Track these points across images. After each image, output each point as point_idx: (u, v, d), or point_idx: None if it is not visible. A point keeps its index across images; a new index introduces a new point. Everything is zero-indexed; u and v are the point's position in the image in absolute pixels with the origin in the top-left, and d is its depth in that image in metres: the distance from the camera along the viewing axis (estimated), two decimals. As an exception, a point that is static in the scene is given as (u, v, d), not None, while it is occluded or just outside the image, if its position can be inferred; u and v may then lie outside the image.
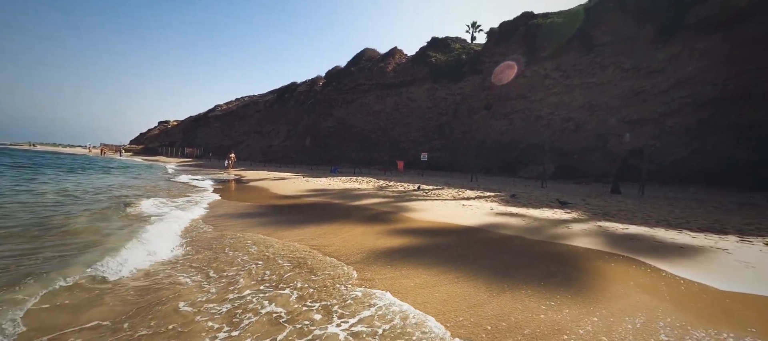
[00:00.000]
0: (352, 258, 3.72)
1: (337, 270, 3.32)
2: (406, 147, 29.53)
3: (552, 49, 22.04)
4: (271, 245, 4.20)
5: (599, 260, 3.64)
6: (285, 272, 3.25)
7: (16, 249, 3.69)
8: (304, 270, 3.30)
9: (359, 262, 3.60)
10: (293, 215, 6.50)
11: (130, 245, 3.91)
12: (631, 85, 17.92)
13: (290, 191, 10.25)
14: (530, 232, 4.93)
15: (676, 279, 3.10)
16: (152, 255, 3.64)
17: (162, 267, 3.35)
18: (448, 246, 4.29)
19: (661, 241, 4.37)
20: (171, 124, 71.42)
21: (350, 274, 3.22)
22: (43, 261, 3.36)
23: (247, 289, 2.83)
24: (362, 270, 3.37)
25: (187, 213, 6.25)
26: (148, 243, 4.07)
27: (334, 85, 38.82)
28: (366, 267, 3.46)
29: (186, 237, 4.59)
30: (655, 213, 6.73)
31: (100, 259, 3.36)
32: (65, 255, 3.56)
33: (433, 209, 7.03)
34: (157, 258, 3.59)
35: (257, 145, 46.98)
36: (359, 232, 5.03)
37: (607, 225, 5.42)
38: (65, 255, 3.56)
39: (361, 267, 3.46)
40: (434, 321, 2.35)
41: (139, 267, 3.31)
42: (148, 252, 3.71)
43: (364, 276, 3.20)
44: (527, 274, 3.25)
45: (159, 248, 3.90)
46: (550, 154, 19.12)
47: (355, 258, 3.73)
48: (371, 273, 3.27)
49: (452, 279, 3.13)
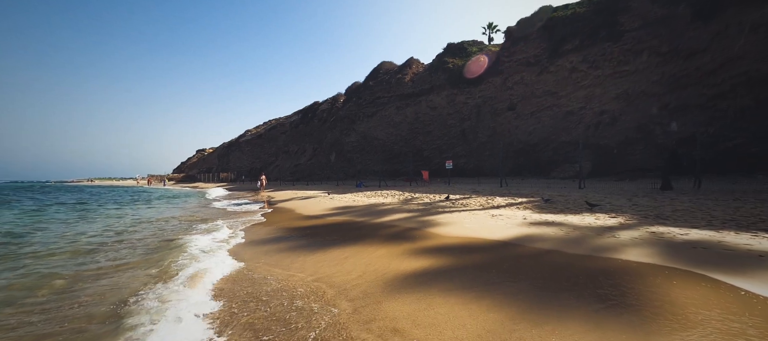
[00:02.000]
0: (369, 289, 3.50)
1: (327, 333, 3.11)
2: (429, 155, 29.11)
3: (576, 40, 20.91)
4: (270, 283, 4.10)
5: (658, 277, 3.13)
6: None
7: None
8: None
9: (374, 294, 3.37)
10: (317, 238, 6.42)
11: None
12: (671, 69, 16.45)
13: (315, 211, 10.28)
14: (570, 244, 4.44)
15: (762, 301, 2.56)
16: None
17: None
18: (477, 266, 3.95)
19: (733, 249, 3.73)
20: (207, 151, 76.19)
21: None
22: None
23: None
24: (378, 305, 3.14)
25: (215, 256, 6.37)
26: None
27: (355, 101, 39.48)
28: (381, 302, 3.23)
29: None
30: (720, 212, 5.88)
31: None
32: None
33: (460, 222, 6.65)
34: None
35: (285, 165, 48.64)
36: (383, 253, 4.81)
37: (662, 231, 4.77)
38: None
39: (374, 304, 3.23)
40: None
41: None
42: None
43: (375, 316, 2.97)
44: (570, 299, 2.84)
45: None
46: (585, 150, 17.88)
47: (372, 288, 3.50)
48: (389, 308, 3.03)
49: (483, 309, 2.80)
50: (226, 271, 4.35)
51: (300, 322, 2.78)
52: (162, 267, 4.66)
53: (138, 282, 4.06)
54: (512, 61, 24.68)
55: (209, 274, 4.25)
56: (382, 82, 37.00)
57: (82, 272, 4.59)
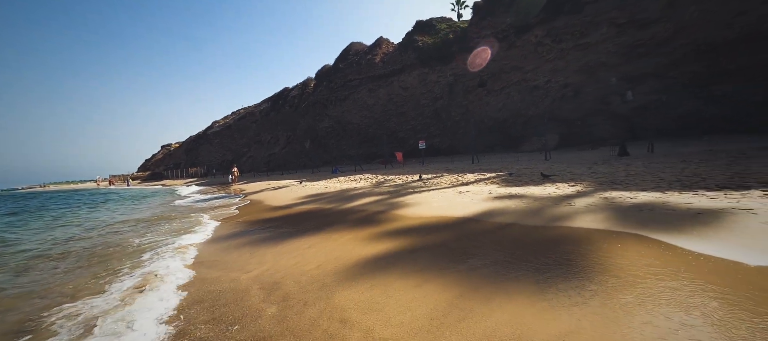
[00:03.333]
0: (326, 279, 3.38)
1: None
2: (404, 136, 29.06)
3: (541, 14, 21.14)
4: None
5: (605, 242, 3.22)
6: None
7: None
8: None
9: (330, 285, 3.26)
10: (282, 229, 6.18)
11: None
12: (628, 39, 17.05)
13: (285, 201, 9.96)
14: (529, 216, 4.52)
15: (697, 256, 2.68)
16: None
17: None
18: (438, 245, 3.92)
19: (675, 208, 3.92)
20: (173, 147, 72.00)
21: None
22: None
23: None
24: (331, 296, 3.03)
25: (168, 259, 5.98)
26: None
27: (326, 85, 38.31)
28: (335, 292, 3.12)
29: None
30: (667, 174, 6.23)
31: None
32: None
33: (428, 201, 6.64)
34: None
35: (259, 155, 47.02)
36: (347, 240, 4.69)
37: (615, 196, 4.97)
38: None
39: (327, 295, 3.12)
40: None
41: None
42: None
43: (326, 308, 2.86)
44: (522, 271, 2.86)
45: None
46: (551, 123, 18.46)
47: (329, 278, 3.38)
48: (342, 297, 2.92)
49: (437, 288, 2.76)
50: (179, 275, 4.06)
51: (245, 323, 2.61)
52: (106, 275, 4.28)
53: (84, 291, 3.70)
54: (480, 37, 24.68)
55: (161, 279, 3.96)
56: (352, 63, 36.01)
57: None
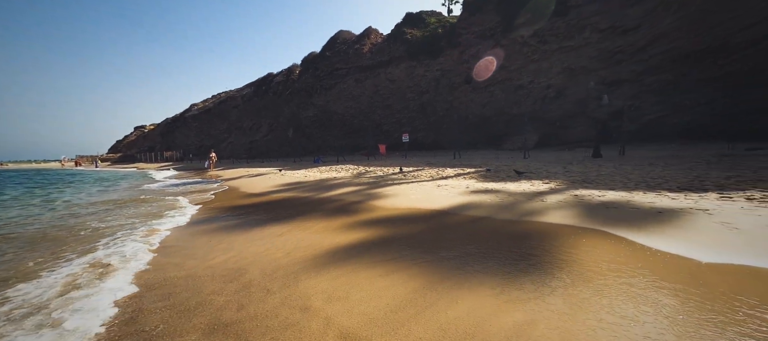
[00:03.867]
0: (294, 267, 3.29)
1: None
2: (389, 129, 28.97)
3: (529, 14, 21.42)
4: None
5: (571, 237, 3.29)
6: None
7: None
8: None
9: (297, 272, 3.17)
10: (255, 216, 6.00)
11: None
12: (608, 45, 17.59)
13: (261, 188, 9.69)
14: (502, 210, 4.57)
15: (654, 253, 2.77)
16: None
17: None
18: (411, 236, 3.89)
19: (639, 207, 4.06)
20: (148, 129, 68.74)
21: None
22: None
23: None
24: (297, 283, 2.94)
25: (130, 243, 5.68)
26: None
27: (311, 72, 37.50)
28: (301, 280, 3.04)
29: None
30: (635, 175, 6.48)
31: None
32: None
33: (406, 193, 6.62)
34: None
35: (239, 142, 45.67)
36: (319, 228, 4.60)
37: (584, 193, 5.11)
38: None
39: (293, 283, 3.03)
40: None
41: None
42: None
43: (290, 295, 2.77)
44: (489, 263, 2.87)
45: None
46: (532, 123, 18.87)
47: (297, 266, 3.29)
48: (308, 285, 2.84)
49: (404, 278, 2.72)
50: (139, 261, 3.84)
51: (201, 310, 2.48)
52: (53, 260, 4.00)
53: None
54: (469, 34, 24.77)
55: (118, 264, 3.73)
56: (339, 52, 35.37)
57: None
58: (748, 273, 2.28)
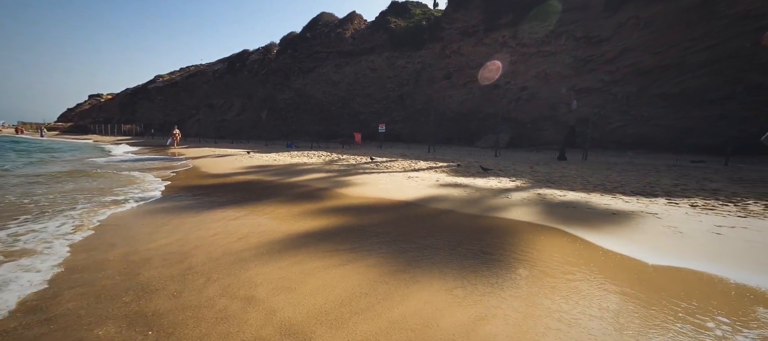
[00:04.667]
0: (245, 253, 3.06)
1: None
2: (367, 118, 28.61)
3: (511, 15, 21.78)
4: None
5: (530, 234, 3.32)
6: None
7: None
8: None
9: (247, 259, 2.95)
10: (212, 197, 5.60)
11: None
12: (582, 54, 18.30)
13: (224, 169, 9.15)
14: (468, 204, 4.57)
15: (606, 253, 2.83)
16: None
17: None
18: (374, 225, 3.77)
19: (595, 208, 4.21)
20: (105, 98, 63.22)
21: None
22: None
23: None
24: (245, 271, 2.73)
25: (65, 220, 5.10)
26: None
27: (290, 53, 36.03)
28: (250, 268, 2.83)
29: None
30: (594, 178, 6.78)
31: None
32: None
33: (376, 183, 6.48)
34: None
35: (208, 120, 43.22)
36: (280, 214, 4.35)
37: (547, 193, 5.24)
38: None
39: (240, 270, 2.81)
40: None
41: None
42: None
43: (234, 283, 2.56)
44: (447, 257, 2.81)
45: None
46: (506, 123, 19.39)
47: (248, 252, 3.06)
48: (257, 273, 2.64)
49: (361, 269, 2.59)
50: (70, 241, 3.41)
51: (129, 298, 2.20)
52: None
53: None
54: (452, 29, 24.81)
55: (45, 245, 3.28)
56: (321, 35, 34.20)
57: None
58: (689, 276, 2.37)
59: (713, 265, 2.48)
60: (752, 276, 2.33)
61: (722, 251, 2.74)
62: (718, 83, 13.80)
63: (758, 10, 13.34)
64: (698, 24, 14.63)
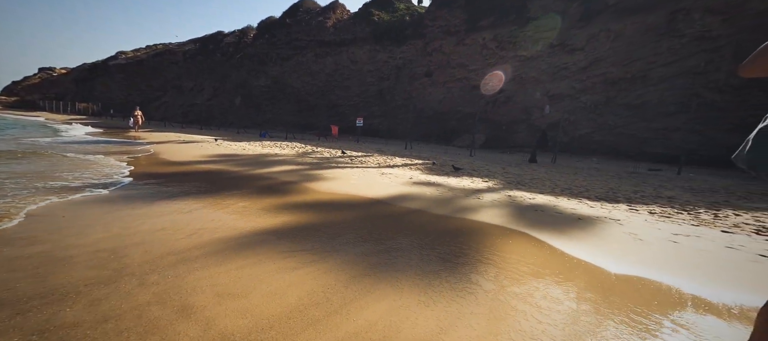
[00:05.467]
0: (192, 253, 2.75)
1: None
2: (345, 111, 28.12)
3: (492, 18, 22.10)
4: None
5: (499, 238, 3.26)
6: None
7: None
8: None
9: (194, 259, 2.65)
10: (167, 187, 5.13)
11: None
12: (556, 61, 18.94)
13: (187, 157, 8.53)
14: (439, 205, 4.48)
15: (571, 260, 2.82)
16: None
17: None
18: (340, 224, 3.57)
19: (563, 212, 4.26)
20: (58, 73, 57.70)
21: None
22: None
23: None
24: (188, 273, 2.44)
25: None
26: None
27: (268, 39, 34.61)
28: (195, 270, 2.54)
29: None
30: (562, 182, 6.96)
31: None
32: None
33: (347, 178, 6.26)
34: None
35: (176, 103, 40.70)
36: (239, 208, 4.03)
37: (517, 195, 5.28)
38: None
39: (184, 272, 2.53)
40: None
41: None
42: None
43: (170, 288, 2.28)
44: (414, 260, 2.67)
45: None
46: (482, 123, 19.75)
47: (197, 251, 2.76)
48: (200, 276, 2.36)
49: (321, 272, 2.39)
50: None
51: (36, 306, 1.86)
52: None
53: None
54: (435, 27, 24.83)
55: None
56: (301, 22, 33.09)
57: None
58: (649, 286, 2.39)
59: (671, 275, 2.52)
60: (704, 288, 2.39)
61: (679, 260, 2.81)
62: (676, 97, 14.80)
63: (712, 33, 14.40)
64: (660, 41, 15.57)
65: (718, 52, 14.17)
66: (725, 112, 13.63)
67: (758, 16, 13.14)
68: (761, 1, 13.11)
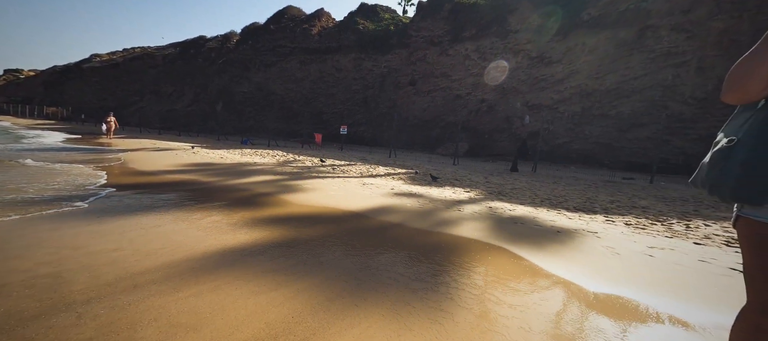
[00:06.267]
0: (154, 275, 2.52)
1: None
2: (329, 119, 27.91)
3: (474, 29, 22.63)
4: None
5: (478, 254, 3.18)
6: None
7: None
8: None
9: (153, 282, 2.42)
10: (136, 199, 4.80)
11: None
12: (535, 72, 19.54)
13: (158, 166, 8.10)
14: (418, 218, 4.38)
15: (550, 277, 2.76)
16: None
17: None
18: (314, 240, 3.39)
19: (542, 225, 4.25)
20: (25, 75, 54.66)
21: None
22: None
23: None
24: (142, 300, 2.22)
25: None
26: None
27: (251, 44, 34.09)
28: (152, 296, 2.32)
29: None
30: (542, 192, 7.04)
31: None
32: None
33: (326, 189, 6.08)
34: None
35: (154, 109, 39.24)
36: (208, 223, 3.78)
37: (498, 206, 5.27)
38: None
39: (142, 298, 2.30)
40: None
41: None
42: None
43: (117, 318, 2.06)
44: (385, 282, 2.54)
45: None
46: (465, 132, 20.02)
47: (157, 273, 2.52)
48: (150, 306, 2.14)
49: (291, 294, 2.21)
50: None
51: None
52: None
53: None
54: (419, 37, 25.18)
55: None
56: (286, 29, 32.82)
57: None
58: (628, 306, 2.35)
59: (648, 293, 2.50)
60: (680, 305, 2.37)
61: (656, 276, 2.81)
62: (647, 108, 15.50)
63: (678, 49, 15.26)
64: (632, 55, 16.35)
65: (683, 67, 15.01)
66: (691, 122, 14.39)
67: (720, 34, 14.04)
68: (721, 21, 14.04)
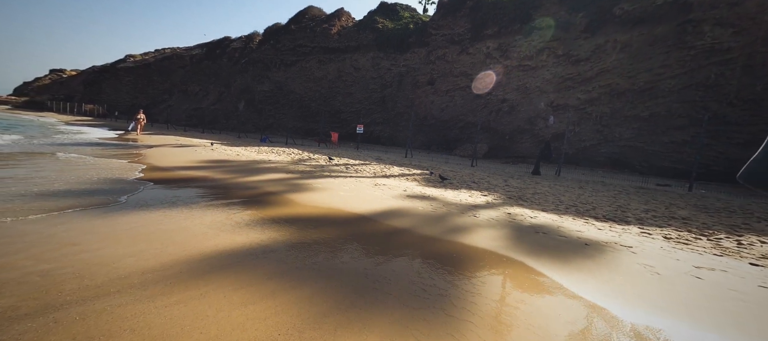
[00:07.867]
0: (148, 277, 2.40)
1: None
2: (347, 118, 27.92)
3: (496, 27, 21.87)
4: None
5: (492, 269, 2.85)
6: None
7: None
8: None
9: (146, 284, 2.29)
10: (145, 195, 4.81)
11: None
12: (561, 71, 18.57)
13: (174, 162, 8.24)
14: (429, 223, 4.08)
15: (577, 301, 2.40)
16: None
17: None
18: (318, 243, 3.19)
19: (567, 235, 3.85)
20: (67, 74, 58.65)
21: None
22: None
23: None
24: (129, 305, 2.08)
25: None
26: None
27: (272, 44, 34.74)
28: (140, 301, 2.18)
29: None
30: (566, 197, 6.53)
31: None
32: None
33: (336, 189, 5.90)
34: None
35: (181, 107, 40.91)
36: (212, 222, 3.68)
37: (518, 212, 4.87)
38: None
39: (130, 301, 2.17)
40: None
41: None
42: None
43: (104, 327, 1.92)
44: (393, 292, 2.28)
45: None
46: (485, 133, 19.37)
47: (150, 275, 2.40)
48: (133, 312, 2.00)
49: (290, 302, 2.01)
50: None
51: None
52: None
53: None
54: (439, 35, 24.66)
55: None
56: (306, 28, 33.19)
57: None
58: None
59: (699, 328, 2.09)
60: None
61: (708, 306, 2.38)
62: (685, 110, 14.31)
63: (722, 45, 13.96)
64: (669, 52, 15.14)
65: (728, 65, 13.71)
66: (737, 126, 13.11)
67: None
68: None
